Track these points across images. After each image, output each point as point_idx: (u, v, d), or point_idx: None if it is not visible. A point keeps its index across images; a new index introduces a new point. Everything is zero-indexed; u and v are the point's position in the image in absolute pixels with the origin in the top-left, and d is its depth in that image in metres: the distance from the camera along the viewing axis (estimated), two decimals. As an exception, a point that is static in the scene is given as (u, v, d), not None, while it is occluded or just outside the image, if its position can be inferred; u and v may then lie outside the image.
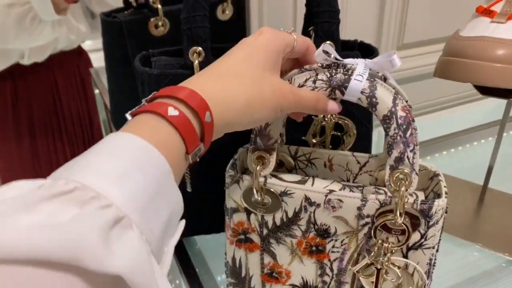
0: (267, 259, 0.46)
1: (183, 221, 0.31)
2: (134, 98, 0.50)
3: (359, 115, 0.49)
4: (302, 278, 0.46)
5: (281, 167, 0.49)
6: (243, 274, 0.48)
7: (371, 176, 0.48)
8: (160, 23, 0.53)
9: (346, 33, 0.79)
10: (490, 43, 0.47)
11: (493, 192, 0.70)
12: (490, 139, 0.65)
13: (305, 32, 0.51)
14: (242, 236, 0.46)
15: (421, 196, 0.45)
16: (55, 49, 0.96)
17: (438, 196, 0.42)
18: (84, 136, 1.12)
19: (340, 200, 0.41)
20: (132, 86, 0.50)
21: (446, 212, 0.40)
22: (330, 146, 0.50)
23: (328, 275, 0.45)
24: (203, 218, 0.55)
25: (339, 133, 0.49)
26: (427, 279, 0.42)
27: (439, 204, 0.39)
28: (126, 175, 0.25)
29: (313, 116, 0.49)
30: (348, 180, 0.48)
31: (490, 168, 0.67)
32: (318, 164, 0.48)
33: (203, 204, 0.54)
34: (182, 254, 0.59)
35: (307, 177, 0.46)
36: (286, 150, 0.49)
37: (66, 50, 1.00)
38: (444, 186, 0.42)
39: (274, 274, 0.47)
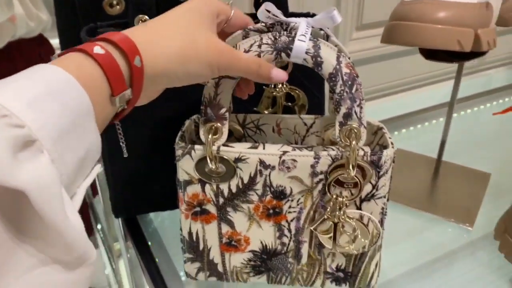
0: (225, 228, 0.46)
1: (98, 165, 0.30)
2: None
3: (310, 85, 0.50)
4: (261, 242, 0.46)
5: (230, 136, 0.49)
6: (201, 247, 0.47)
7: (318, 137, 0.49)
8: (115, 2, 0.50)
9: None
10: (432, 6, 0.49)
11: (447, 164, 0.74)
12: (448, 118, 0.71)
13: (257, 4, 0.51)
14: (198, 209, 0.45)
15: (367, 150, 0.46)
16: (14, 36, 0.90)
17: (385, 147, 0.43)
18: None
19: (294, 160, 0.42)
20: None
21: (393, 162, 0.42)
22: None
23: (287, 236, 0.45)
24: (157, 194, 0.54)
25: (290, 104, 0.50)
26: (381, 228, 0.44)
27: (387, 154, 0.41)
28: (43, 101, 0.25)
29: (264, 87, 0.49)
30: (296, 143, 0.49)
31: (443, 142, 0.71)
32: (267, 129, 0.49)
33: (155, 180, 0.52)
34: (139, 238, 0.57)
35: (257, 144, 0.46)
36: (234, 118, 0.48)
37: (26, 38, 0.94)
38: (389, 138, 0.44)
39: (233, 242, 0.46)
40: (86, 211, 0.90)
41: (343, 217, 0.43)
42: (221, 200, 0.44)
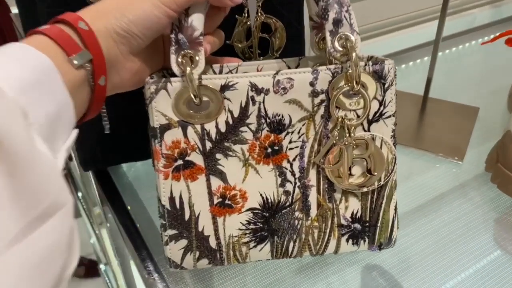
0: (216, 183, 0.38)
1: (76, 130, 0.32)
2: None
3: (288, 15, 0.46)
4: (261, 195, 0.38)
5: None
6: (186, 216, 0.38)
7: (304, 83, 0.44)
8: None
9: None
10: None
11: (434, 100, 0.72)
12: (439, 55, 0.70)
13: None
14: (180, 162, 0.37)
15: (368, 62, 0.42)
16: None
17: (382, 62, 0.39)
18: None
19: (290, 79, 0.36)
20: None
21: (395, 76, 0.38)
22: (259, 51, 0.45)
23: (290, 182, 0.38)
24: (127, 143, 0.47)
25: (267, 35, 0.45)
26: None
27: (390, 62, 0.37)
28: (3, 65, 0.28)
29: (236, 16, 0.44)
30: (281, 91, 0.44)
31: (429, 79, 0.70)
32: (247, 78, 0.43)
33: (124, 127, 0.44)
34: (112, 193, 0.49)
35: None
36: (209, 69, 0.43)
37: None
38: (383, 56, 0.40)
39: (226, 201, 0.38)
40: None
41: (352, 142, 0.37)
42: (208, 144, 0.37)
